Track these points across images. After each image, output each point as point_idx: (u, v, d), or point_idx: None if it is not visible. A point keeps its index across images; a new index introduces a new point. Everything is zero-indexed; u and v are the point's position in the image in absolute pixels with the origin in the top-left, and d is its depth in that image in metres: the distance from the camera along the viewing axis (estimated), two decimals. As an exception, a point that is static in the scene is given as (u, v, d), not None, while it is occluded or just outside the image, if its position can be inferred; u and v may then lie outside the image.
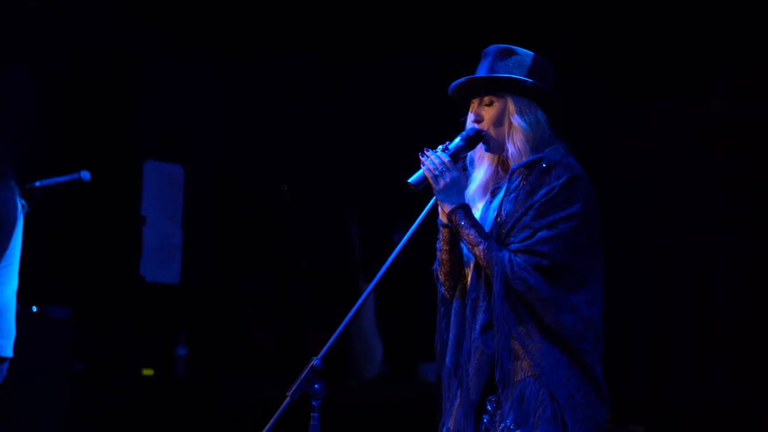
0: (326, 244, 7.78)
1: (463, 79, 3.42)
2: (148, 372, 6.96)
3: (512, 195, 3.31)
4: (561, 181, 3.24)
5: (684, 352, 7.59)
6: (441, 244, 3.42)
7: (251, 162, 7.78)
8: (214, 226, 7.67)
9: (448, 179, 3.32)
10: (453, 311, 3.39)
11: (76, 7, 7.03)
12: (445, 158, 3.33)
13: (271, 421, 3.08)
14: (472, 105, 3.44)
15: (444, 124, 3.63)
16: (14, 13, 6.88)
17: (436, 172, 3.32)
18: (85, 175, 5.82)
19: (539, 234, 3.22)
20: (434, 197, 3.38)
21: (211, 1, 7.46)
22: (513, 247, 3.24)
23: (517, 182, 3.31)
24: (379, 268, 3.28)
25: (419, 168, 3.36)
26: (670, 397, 7.46)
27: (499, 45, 3.44)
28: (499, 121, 3.38)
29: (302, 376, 3.10)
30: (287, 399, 3.09)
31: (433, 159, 3.34)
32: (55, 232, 6.85)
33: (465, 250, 3.39)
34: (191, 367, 7.11)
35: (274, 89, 7.78)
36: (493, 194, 3.42)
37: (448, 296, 3.44)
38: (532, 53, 3.42)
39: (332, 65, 7.79)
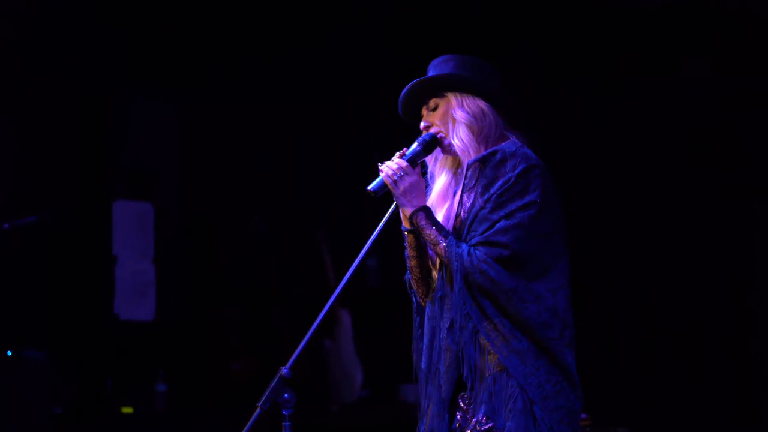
0: (302, 272, 7.74)
1: (402, 93, 3.40)
2: (127, 410, 6.89)
3: (469, 190, 3.27)
4: (517, 171, 3.20)
5: (668, 354, 7.59)
6: (408, 251, 3.39)
7: (221, 196, 7.76)
8: (186, 261, 7.62)
9: (407, 183, 3.29)
10: (426, 316, 3.35)
11: (44, 41, 6.96)
12: (403, 163, 3.31)
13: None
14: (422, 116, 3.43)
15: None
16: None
17: (395, 177, 3.30)
18: (48, 215, 5.81)
19: (497, 225, 3.17)
20: (394, 203, 3.35)
21: (182, 38, 7.42)
22: (473, 241, 3.20)
23: (473, 177, 3.27)
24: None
25: (378, 176, 3.33)
26: (654, 399, 7.46)
27: (443, 56, 3.42)
28: (445, 121, 3.36)
29: (271, 386, 3.09)
30: (257, 410, 3.07)
31: (390, 165, 3.31)
32: (27, 275, 6.79)
33: (431, 252, 3.35)
34: (171, 402, 7.04)
35: (243, 124, 7.77)
36: (454, 196, 3.38)
37: (423, 304, 3.40)
38: (472, 57, 3.39)
39: (302, 101, 7.79)
